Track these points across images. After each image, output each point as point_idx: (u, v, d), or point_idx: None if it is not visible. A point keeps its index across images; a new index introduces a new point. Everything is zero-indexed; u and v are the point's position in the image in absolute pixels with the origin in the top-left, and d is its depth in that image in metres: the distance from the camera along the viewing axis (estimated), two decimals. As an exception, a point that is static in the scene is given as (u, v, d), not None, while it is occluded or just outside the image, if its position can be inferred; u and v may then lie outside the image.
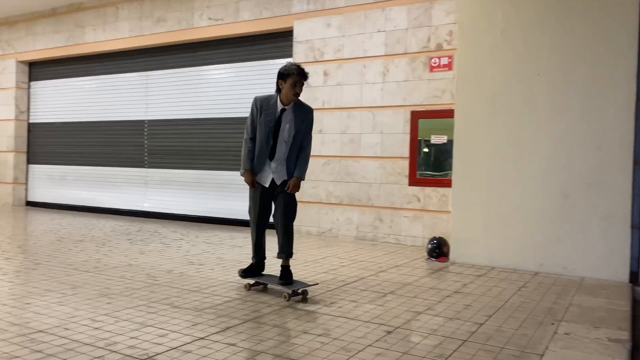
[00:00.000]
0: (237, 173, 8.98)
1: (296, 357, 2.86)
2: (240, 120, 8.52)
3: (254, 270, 4.38)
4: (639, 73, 5.02)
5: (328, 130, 7.43)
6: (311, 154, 7.51)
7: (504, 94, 5.54)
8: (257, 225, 4.29)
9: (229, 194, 8.61)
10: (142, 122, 9.71)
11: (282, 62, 8.34)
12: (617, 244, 4.97)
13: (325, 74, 7.46)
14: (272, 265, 4.64)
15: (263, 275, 4.41)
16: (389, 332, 3.33)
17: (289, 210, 4.20)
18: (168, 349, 2.93)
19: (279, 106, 4.14)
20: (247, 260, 5.59)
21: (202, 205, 8.93)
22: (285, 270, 4.18)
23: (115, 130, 10.08)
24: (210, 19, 8.55)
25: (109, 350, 2.88)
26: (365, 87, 7.16)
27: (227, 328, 3.33)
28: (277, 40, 8.13)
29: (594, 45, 5.10)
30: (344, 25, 7.33)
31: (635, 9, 4.94)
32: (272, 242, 4.37)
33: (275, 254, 4.26)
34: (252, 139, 4.18)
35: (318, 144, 7.49)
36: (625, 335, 3.35)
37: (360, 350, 2.99)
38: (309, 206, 7.54)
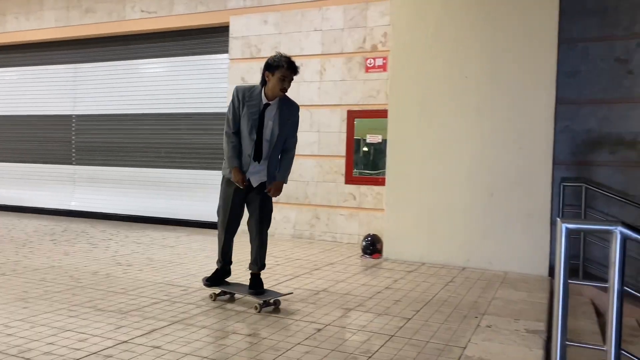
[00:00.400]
0: (171, 171, 8.94)
1: (223, 358, 2.81)
2: (175, 117, 8.30)
3: (219, 276, 4.02)
4: (558, 77, 5.30)
5: (264, 128, 7.35)
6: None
7: (435, 95, 5.69)
8: (227, 227, 3.92)
9: (162, 192, 8.36)
10: (69, 116, 9.25)
11: (217, 58, 8.34)
12: (538, 239, 5.23)
13: (262, 71, 7.38)
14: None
15: (229, 283, 4.08)
16: (319, 330, 3.33)
17: (266, 218, 3.87)
18: (87, 354, 2.80)
19: (263, 100, 3.70)
20: (178, 260, 5.46)
21: (134, 204, 8.62)
22: (256, 278, 3.87)
23: (40, 125, 9.54)
24: (142, 11, 8.26)
25: (22, 357, 2.72)
26: (302, 85, 7.15)
27: (153, 330, 3.22)
28: (213, 36, 7.98)
29: (518, 50, 5.34)
30: (280, 22, 7.29)
31: (554, 18, 5.21)
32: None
33: (248, 264, 3.97)
34: (236, 133, 3.74)
35: (254, 141, 7.42)
36: (542, 326, 3.53)
37: (289, 349, 2.98)
38: (245, 204, 7.42)
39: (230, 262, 4.08)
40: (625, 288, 2.12)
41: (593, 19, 6.00)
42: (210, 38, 8.05)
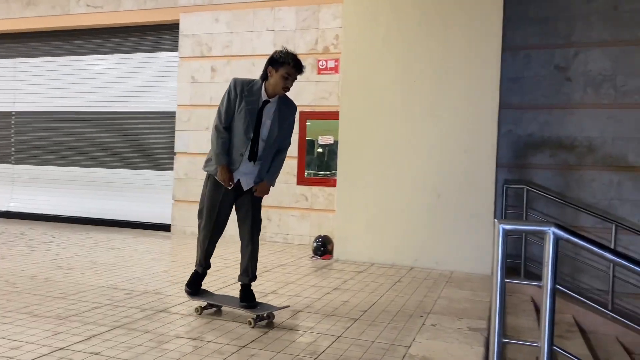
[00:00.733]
0: (118, 171, 8.67)
1: (165, 363, 2.74)
2: (122, 115, 8.06)
3: (200, 281, 3.73)
4: (502, 83, 5.49)
5: (215, 128, 7.25)
6: (198, 151, 7.30)
7: (385, 98, 5.77)
8: (213, 233, 3.59)
9: (108, 193, 8.09)
10: (8, 113, 8.82)
11: (167, 56, 8.17)
12: (482, 239, 5.39)
13: (213, 69, 7.29)
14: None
15: (214, 295, 3.82)
16: (266, 332, 3.31)
17: (257, 225, 3.60)
18: (20, 363, 2.67)
19: (263, 96, 3.44)
20: (123, 263, 5.30)
21: (78, 205, 8.30)
22: (247, 290, 3.56)
23: (-23, 122, 9.06)
24: (88, 5, 7.98)
25: (-53, 368, 2.56)
26: (253, 85, 7.09)
27: (93, 336, 3.10)
28: (163, 33, 7.80)
29: (464, 57, 5.48)
30: (232, 21, 7.21)
31: (499, 25, 5.38)
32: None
33: (237, 275, 3.68)
34: (227, 128, 3.43)
35: (205, 141, 7.31)
36: (484, 324, 3.63)
37: (234, 352, 2.94)
38: (195, 206, 7.28)
39: (209, 266, 3.77)
40: (558, 286, 2.20)
41: (535, 28, 6.25)
42: (159, 35, 7.87)
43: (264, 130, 3.44)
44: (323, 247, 6.06)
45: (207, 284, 4.48)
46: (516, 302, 4.90)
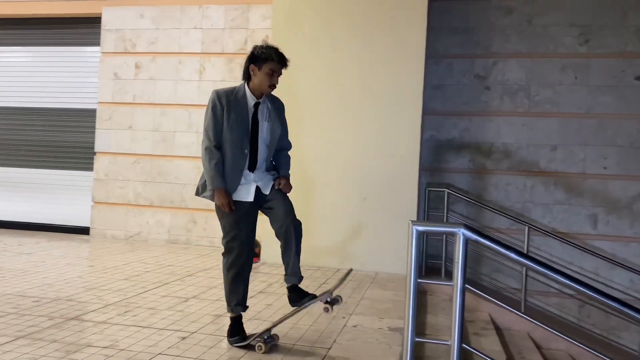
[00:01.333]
0: (32, 171, 8.13)
1: (71, 374, 2.59)
2: (37, 112, 7.58)
3: (241, 323, 3.19)
4: (425, 90, 5.67)
5: (139, 127, 6.99)
6: (119, 151, 7.01)
7: (313, 101, 5.79)
8: (247, 258, 3.14)
9: (21, 194, 7.57)
10: None
11: (87, 50, 7.78)
12: (406, 241, 5.50)
13: (137, 66, 7.02)
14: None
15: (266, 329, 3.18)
16: (184, 338, 3.21)
17: (295, 217, 3.20)
18: None
19: (251, 99, 3.10)
20: (33, 269, 4.96)
21: (-13, 206, 7.72)
22: (297, 288, 3.22)
23: None
24: (0, -7, 7.46)
25: None
26: (180, 83, 6.91)
27: (-8, 348, 2.88)
28: (83, 26, 7.42)
29: (389, 63, 5.61)
30: (158, 17, 6.98)
31: (423, 34, 5.55)
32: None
33: (283, 278, 3.27)
34: (218, 147, 3.05)
35: (127, 140, 7.03)
36: (404, 324, 3.71)
37: (149, 360, 2.82)
38: (116, 208, 7.01)
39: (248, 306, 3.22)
40: (467, 286, 2.28)
41: (457, 38, 6.52)
42: (80, 28, 7.48)
43: (265, 134, 3.13)
44: (250, 250, 5.97)
45: (124, 290, 4.30)
46: (436, 302, 5.06)
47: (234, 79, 6.77)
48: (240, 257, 3.10)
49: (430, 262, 6.11)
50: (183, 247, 6.60)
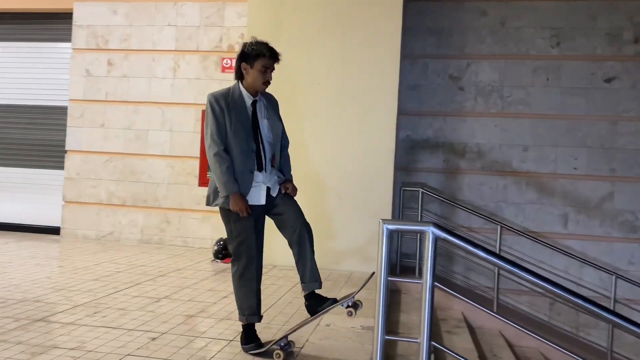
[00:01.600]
0: (3, 169, 7.91)
1: (35, 377, 2.52)
2: (6, 109, 7.39)
3: (254, 330, 3.07)
4: (401, 90, 5.70)
5: (111, 125, 6.87)
6: (91, 149, 6.87)
7: (289, 101, 5.75)
8: (258, 265, 3.03)
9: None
10: None
11: (58, 46, 7.62)
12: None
13: (110, 63, 6.90)
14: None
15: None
16: (154, 339, 3.16)
17: (306, 222, 3.15)
18: None
19: (248, 98, 3.03)
20: (0, 270, 4.84)
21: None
22: (316, 295, 3.13)
23: None
24: (-33, -14, 7.25)
25: None
26: (154, 81, 6.81)
27: (-48, 351, 2.79)
28: (54, 22, 7.26)
29: (365, 63, 5.62)
30: (132, 14, 6.87)
31: (398, 34, 5.58)
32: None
33: (301, 287, 3.14)
34: (227, 150, 2.95)
35: (99, 139, 6.90)
36: (376, 322, 3.72)
37: (116, 362, 2.77)
38: (87, 207, 6.88)
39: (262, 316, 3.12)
40: (438, 284, 2.30)
41: (432, 38, 6.57)
42: (50, 24, 7.32)
43: (265, 132, 3.06)
44: (224, 251, 5.92)
45: (94, 290, 4.21)
46: (410, 300, 5.09)
47: (208, 77, 6.72)
48: (250, 264, 2.99)
49: (406, 261, 6.14)
50: (156, 247, 6.51)
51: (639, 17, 6.24)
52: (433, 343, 2.26)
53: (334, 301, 3.03)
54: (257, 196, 3.01)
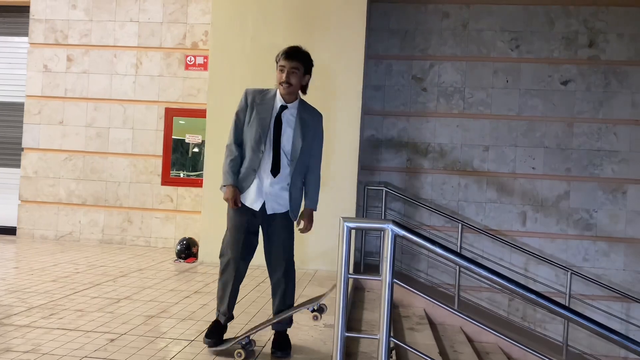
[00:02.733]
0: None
1: (-14, 381, 2.44)
2: (-43, 104, 7.10)
3: (221, 332, 3.06)
4: (365, 90, 5.74)
5: (71, 122, 6.69)
6: (50, 147, 6.65)
7: (253, 98, 5.74)
8: (238, 265, 3.01)
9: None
10: None
11: (15, 41, 7.37)
12: (344, 239, 5.57)
13: (69, 59, 6.72)
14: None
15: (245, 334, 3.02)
16: (112, 340, 3.10)
17: (290, 265, 3.12)
18: None
19: (279, 101, 3.01)
20: None
21: None
22: (282, 335, 3.07)
23: None
24: None
25: None
26: (115, 77, 6.67)
27: None
28: (10, 15, 7.02)
29: (329, 63, 5.64)
30: (92, 8, 6.70)
31: (362, 35, 5.63)
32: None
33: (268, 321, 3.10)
34: (239, 144, 3.01)
35: (58, 136, 6.71)
36: (339, 320, 3.74)
37: (73, 364, 2.71)
38: (46, 207, 6.68)
39: (233, 317, 3.12)
40: (395, 280, 2.33)
41: (396, 39, 6.65)
42: (6, 17, 7.07)
43: (285, 140, 2.97)
44: (187, 250, 5.86)
45: (51, 292, 4.10)
46: (374, 298, 5.14)
47: (171, 74, 6.62)
48: (230, 263, 3.02)
49: (370, 260, 6.20)
50: (118, 247, 6.38)
51: (593, 22, 6.48)
52: (392, 339, 2.30)
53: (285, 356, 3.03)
54: (252, 199, 3.00)
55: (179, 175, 6.63)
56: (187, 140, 6.65)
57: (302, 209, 3.18)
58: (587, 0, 6.45)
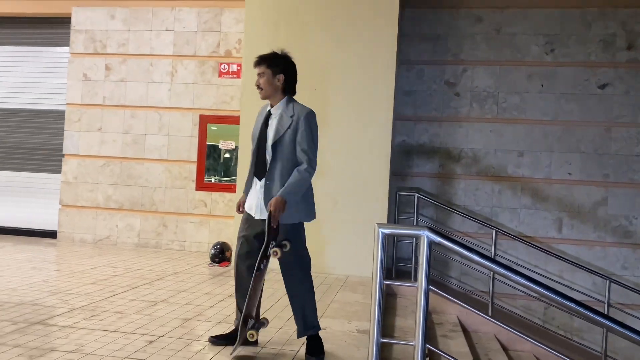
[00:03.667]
0: (4, 172, 7.90)
1: (33, 379, 2.54)
2: (5, 112, 7.40)
3: (230, 334, 3.13)
4: (397, 96, 5.74)
5: (109, 129, 6.90)
6: (89, 153, 6.83)
7: (285, 105, 5.81)
8: (237, 267, 3.11)
9: (-15, 196, 7.39)
10: None
11: (57, 51, 7.64)
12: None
13: (108, 68, 6.93)
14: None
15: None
16: (151, 342, 3.18)
17: (288, 266, 3.05)
18: None
19: (267, 107, 3.17)
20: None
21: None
22: (311, 340, 3.09)
23: None
24: (-34, -10, 7.27)
25: None
26: (151, 85, 6.85)
27: (-49, 354, 2.81)
28: (53, 26, 7.30)
29: (361, 69, 5.67)
30: (129, 18, 6.91)
31: (394, 40, 5.63)
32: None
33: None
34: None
35: (97, 143, 6.93)
36: (372, 326, 3.75)
37: (114, 364, 2.79)
38: (85, 211, 6.89)
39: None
40: (431, 287, 2.33)
41: (428, 44, 6.63)
42: (49, 28, 7.35)
43: (268, 142, 3.05)
44: (221, 254, 5.95)
45: (90, 294, 4.23)
46: (406, 304, 5.12)
47: (205, 82, 6.76)
48: (237, 267, 3.13)
49: (401, 266, 6.18)
50: (153, 251, 6.53)
51: (632, 24, 6.32)
52: (428, 346, 2.30)
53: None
54: (249, 204, 3.14)
55: (211, 181, 6.75)
56: (220, 147, 6.77)
57: None
58: (626, 2, 6.30)
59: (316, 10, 5.78)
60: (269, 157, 3.05)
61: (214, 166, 6.77)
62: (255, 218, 3.07)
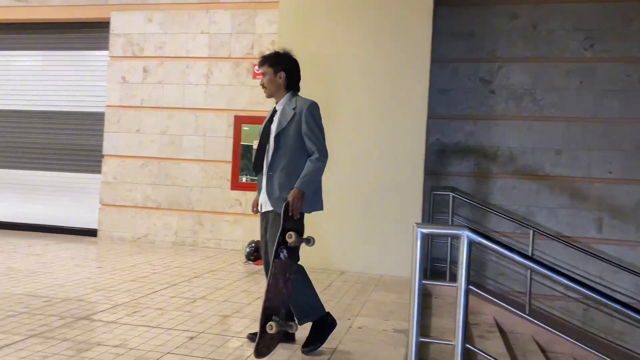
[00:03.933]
0: (42, 173, 8.25)
1: (82, 372, 2.65)
2: (47, 115, 7.68)
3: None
4: (431, 94, 5.71)
5: (146, 130, 7.08)
6: (127, 154, 7.01)
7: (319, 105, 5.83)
8: (265, 263, 3.25)
9: (30, 196, 7.67)
10: None
11: (96, 55, 7.88)
12: (410, 244, 5.54)
13: (145, 70, 7.11)
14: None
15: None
16: (192, 338, 3.26)
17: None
18: None
19: (274, 105, 3.32)
20: (43, 270, 5.04)
21: (-4, 208, 7.82)
22: (311, 330, 3.14)
23: None
24: (11, -2, 7.57)
25: None
26: (187, 87, 6.99)
27: (5, 346, 2.94)
28: (92, 31, 7.52)
29: (394, 67, 5.66)
30: (166, 22, 7.07)
31: (428, 38, 5.60)
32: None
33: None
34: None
35: (135, 143, 7.11)
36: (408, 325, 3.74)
37: (158, 359, 2.87)
38: (124, 210, 7.09)
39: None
40: (470, 287, 2.32)
41: (462, 42, 6.56)
42: (89, 33, 7.58)
43: (271, 135, 3.16)
44: (256, 253, 6.03)
45: (132, 291, 4.36)
46: (441, 304, 5.08)
47: (240, 83, 6.85)
48: (264, 265, 3.29)
49: (436, 266, 6.14)
50: (190, 249, 6.66)
51: (676, 18, 6.11)
52: (467, 345, 2.29)
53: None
54: (260, 202, 3.26)
55: (242, 180, 6.85)
56: (254, 147, 6.85)
57: None
58: (669, -5, 6.10)
59: (348, 10, 5.79)
60: (271, 149, 3.15)
61: (247, 166, 6.87)
62: (262, 212, 3.21)
